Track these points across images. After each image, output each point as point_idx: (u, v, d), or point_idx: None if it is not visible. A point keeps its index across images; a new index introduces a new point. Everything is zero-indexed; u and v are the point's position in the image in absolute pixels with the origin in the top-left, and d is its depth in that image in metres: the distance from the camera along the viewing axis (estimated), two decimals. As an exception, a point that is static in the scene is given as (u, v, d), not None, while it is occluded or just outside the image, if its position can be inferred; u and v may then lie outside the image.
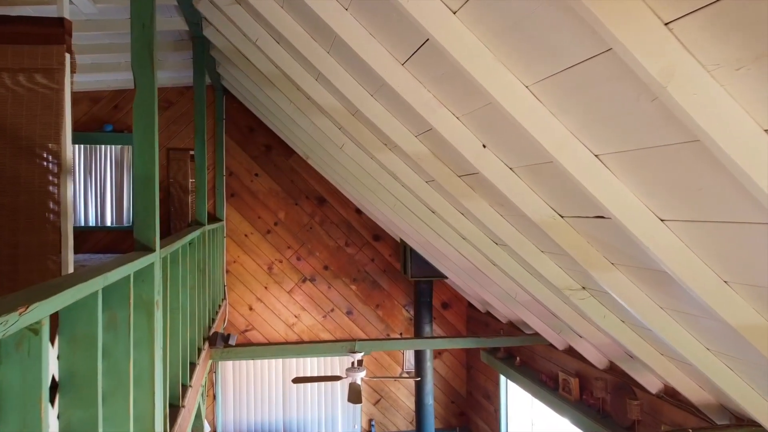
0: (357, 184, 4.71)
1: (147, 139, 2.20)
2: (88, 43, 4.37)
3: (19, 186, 3.02)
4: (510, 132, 1.90)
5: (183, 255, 3.09)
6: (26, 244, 3.02)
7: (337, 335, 6.34)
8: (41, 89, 3.07)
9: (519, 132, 1.74)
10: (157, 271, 2.23)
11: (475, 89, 1.78)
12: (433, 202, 3.32)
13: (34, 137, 3.05)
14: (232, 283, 6.14)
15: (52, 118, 3.09)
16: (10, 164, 3.02)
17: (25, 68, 3.03)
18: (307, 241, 6.26)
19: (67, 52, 3.13)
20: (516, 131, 1.80)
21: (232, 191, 6.11)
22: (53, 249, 3.05)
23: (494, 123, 1.95)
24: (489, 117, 1.93)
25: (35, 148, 3.05)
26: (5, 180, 3.00)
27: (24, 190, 3.03)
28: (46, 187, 3.06)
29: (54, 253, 3.05)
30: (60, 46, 3.08)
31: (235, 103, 6.04)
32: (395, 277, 6.41)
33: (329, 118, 3.61)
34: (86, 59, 4.66)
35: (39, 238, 3.04)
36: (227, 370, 6.16)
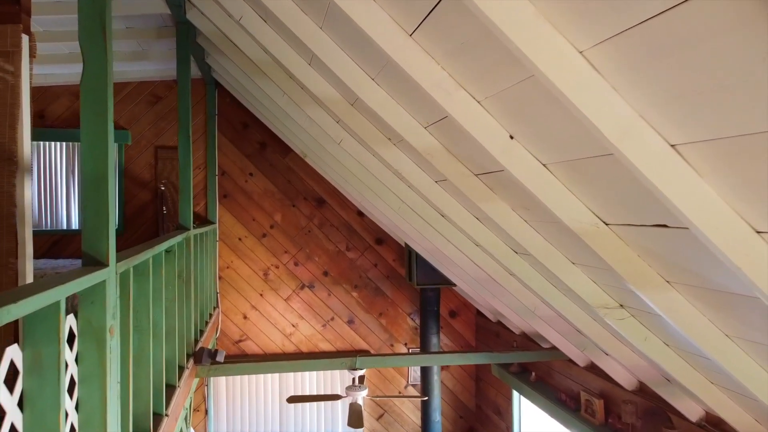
0: (358, 184, 4.30)
1: (98, 129, 1.80)
2: (64, 29, 3.97)
3: (-31, 186, 2.63)
4: (547, 117, 1.49)
5: (156, 265, 2.69)
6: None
7: (338, 345, 5.94)
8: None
9: (563, 116, 1.33)
10: (111, 290, 1.83)
11: (506, 61, 1.37)
12: (443, 204, 2.92)
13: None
14: (225, 290, 5.74)
15: (6, 109, 2.69)
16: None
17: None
18: (306, 245, 5.86)
19: (24, 33, 2.73)
20: (558, 115, 1.39)
21: (225, 192, 5.71)
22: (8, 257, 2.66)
23: (526, 107, 1.54)
24: (520, 99, 1.52)
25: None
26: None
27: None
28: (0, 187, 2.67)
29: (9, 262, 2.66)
30: (15, 25, 2.69)
31: (227, 98, 5.65)
32: (399, 284, 6.00)
33: (326, 110, 3.21)
34: (62, 48, 4.27)
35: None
36: (220, 382, 5.76)
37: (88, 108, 1.80)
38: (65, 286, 1.40)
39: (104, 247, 1.80)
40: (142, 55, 4.58)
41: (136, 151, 5.53)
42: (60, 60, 4.43)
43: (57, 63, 4.47)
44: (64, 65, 4.61)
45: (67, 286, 1.41)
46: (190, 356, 3.77)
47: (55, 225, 5.45)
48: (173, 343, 3.17)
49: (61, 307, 1.39)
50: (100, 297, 1.77)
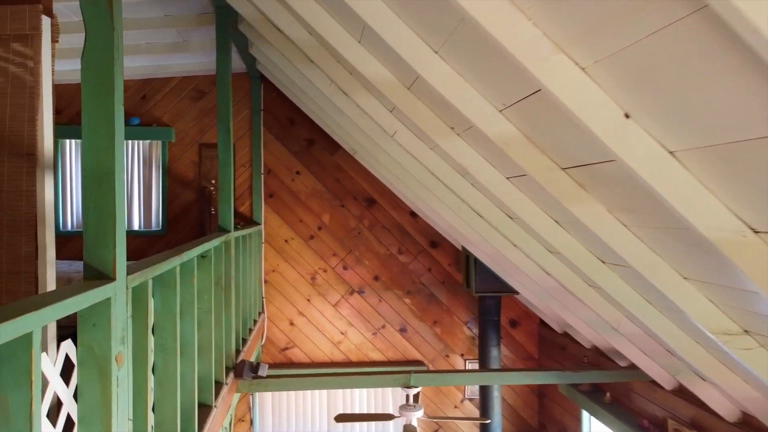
0: (412, 182, 3.91)
1: (101, 113, 1.47)
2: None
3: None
4: (686, 83, 1.06)
5: (185, 274, 2.37)
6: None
7: (389, 355, 5.56)
8: (11, 63, 2.41)
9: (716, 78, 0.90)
10: (119, 309, 1.49)
11: (625, 8, 0.95)
12: (514, 205, 2.49)
13: (1, 124, 2.40)
14: (270, 295, 5.45)
15: (26, 99, 2.43)
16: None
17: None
18: (355, 247, 5.50)
19: (44, 14, 2.46)
20: (706, 77, 0.96)
21: (271, 191, 5.41)
22: (27, 264, 2.40)
23: (655, 72, 1.12)
24: (645, 60, 1.10)
25: (3, 137, 2.39)
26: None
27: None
28: (18, 186, 2.41)
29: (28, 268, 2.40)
30: (34, 6, 2.42)
31: (273, 93, 5.35)
32: (455, 290, 5.57)
33: (378, 98, 2.83)
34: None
35: (10, 249, 2.39)
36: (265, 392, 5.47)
37: (90, 87, 1.47)
38: (39, 313, 1.06)
39: (109, 256, 1.47)
40: (182, 47, 4.32)
41: (180, 148, 5.30)
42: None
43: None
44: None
45: (43, 313, 1.07)
46: (231, 369, 3.46)
47: (99, 226, 5.27)
48: (208, 359, 2.86)
49: (33, 341, 1.05)
50: (104, 318, 1.44)
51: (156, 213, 5.31)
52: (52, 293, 1.22)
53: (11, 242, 2.36)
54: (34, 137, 2.40)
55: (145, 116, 5.25)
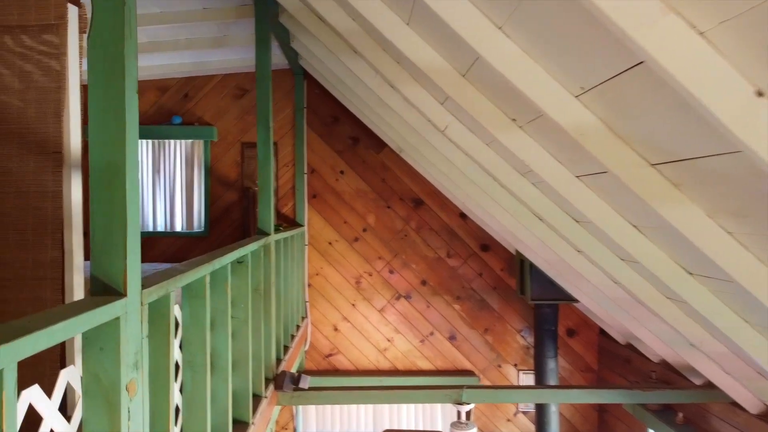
0: (463, 181, 3.63)
1: (109, 101, 1.26)
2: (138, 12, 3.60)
3: (8, 186, 2.23)
4: None
5: (217, 282, 2.16)
6: (17, 263, 2.22)
7: (438, 364, 5.28)
8: (36, 54, 2.25)
9: None
10: (131, 329, 1.28)
11: None
12: (584, 206, 2.18)
13: (26, 120, 2.24)
14: (314, 299, 5.25)
15: (50, 94, 2.26)
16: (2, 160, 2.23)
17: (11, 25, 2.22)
18: (402, 250, 5.25)
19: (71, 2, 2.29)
20: None
21: (314, 192, 5.21)
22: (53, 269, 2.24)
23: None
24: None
25: (28, 134, 2.24)
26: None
27: (13, 192, 2.23)
28: (44, 187, 2.25)
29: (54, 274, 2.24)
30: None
31: (316, 89, 5.15)
32: (508, 297, 5.25)
33: (428, 88, 2.57)
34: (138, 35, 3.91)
35: (34, 254, 2.23)
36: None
37: (97, 71, 1.26)
38: (11, 347, 0.85)
39: (118, 268, 1.26)
40: (222, 41, 4.16)
41: (222, 148, 5.17)
42: (140, 49, 4.10)
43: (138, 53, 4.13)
44: (147, 56, 4.28)
45: (16, 345, 0.86)
46: (270, 381, 3.27)
47: (142, 226, 5.19)
48: (245, 372, 2.65)
49: (4, 382, 0.84)
50: (112, 341, 1.23)
51: (198, 214, 5.20)
52: (42, 315, 1.02)
53: (37, 246, 2.21)
54: (60, 134, 2.24)
55: (187, 115, 5.13)
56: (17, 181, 2.21)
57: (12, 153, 2.23)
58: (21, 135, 2.21)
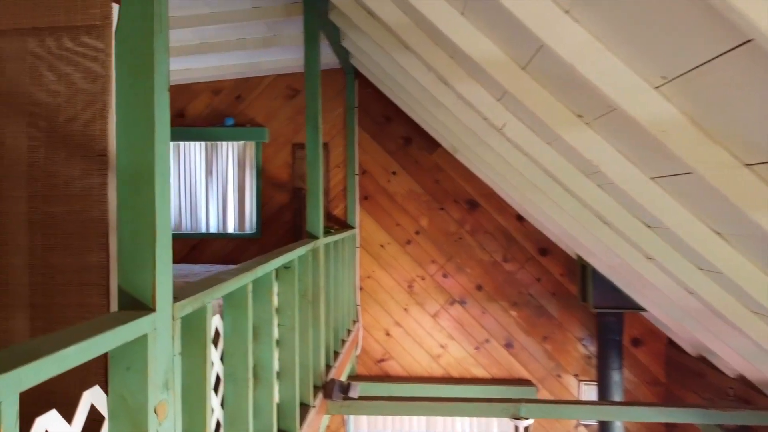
0: (521, 183, 3.43)
1: (137, 99, 1.17)
2: (188, 13, 3.58)
3: (55, 188, 2.20)
4: None
5: (261, 290, 2.07)
6: (63, 268, 2.18)
7: (493, 372, 5.07)
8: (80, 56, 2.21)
9: None
10: (162, 345, 1.19)
11: None
12: (658, 211, 1.97)
13: (73, 122, 2.20)
14: (366, 303, 5.14)
15: (95, 96, 2.22)
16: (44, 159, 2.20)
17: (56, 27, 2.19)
18: (456, 254, 5.07)
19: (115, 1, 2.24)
20: None
21: (366, 193, 5.11)
22: (98, 275, 2.19)
23: None
24: None
25: (75, 136, 2.20)
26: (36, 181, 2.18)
27: (60, 195, 2.19)
28: (89, 190, 2.20)
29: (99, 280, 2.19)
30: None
31: (368, 88, 5.04)
32: (569, 304, 4.99)
33: (484, 84, 2.40)
34: (189, 35, 3.90)
35: (79, 259, 2.19)
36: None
37: (124, 68, 1.17)
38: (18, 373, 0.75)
39: (147, 281, 1.16)
40: (273, 41, 4.11)
41: (273, 149, 5.13)
42: (187, 51, 4.09)
43: (188, 55, 4.13)
44: (198, 57, 4.27)
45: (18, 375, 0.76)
46: (319, 389, 3.17)
47: (195, 228, 5.22)
48: (291, 381, 2.55)
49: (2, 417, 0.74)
50: (139, 360, 1.13)
51: (250, 216, 5.18)
52: (55, 337, 0.92)
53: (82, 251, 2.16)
54: (106, 136, 2.18)
55: (240, 116, 5.12)
56: (64, 184, 2.17)
57: (59, 156, 2.19)
58: (68, 137, 2.17)
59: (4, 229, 2.18)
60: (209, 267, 4.67)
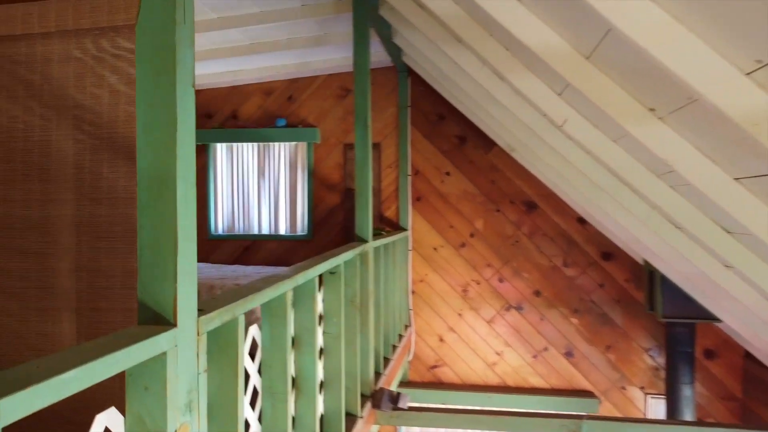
0: (583, 183, 3.21)
1: (161, 98, 1.07)
2: (239, 13, 3.54)
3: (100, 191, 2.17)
4: None
5: (303, 298, 1.97)
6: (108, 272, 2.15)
7: (552, 382, 4.83)
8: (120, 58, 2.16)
9: None
10: (183, 364, 1.09)
11: None
12: (742, 214, 1.75)
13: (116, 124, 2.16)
14: (418, 307, 5.00)
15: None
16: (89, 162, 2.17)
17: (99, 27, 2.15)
18: (513, 257, 4.86)
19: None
20: None
21: (419, 194, 4.96)
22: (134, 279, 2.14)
23: None
24: None
25: (117, 139, 2.16)
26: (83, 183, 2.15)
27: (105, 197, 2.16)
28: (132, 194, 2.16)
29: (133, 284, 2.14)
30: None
31: (421, 86, 4.90)
32: (634, 312, 4.69)
33: (543, 77, 2.22)
34: (238, 36, 3.87)
35: (123, 263, 2.15)
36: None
37: (145, 64, 1.08)
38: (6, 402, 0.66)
39: (168, 293, 1.07)
40: (323, 39, 4.03)
41: (325, 150, 5.06)
42: (240, 51, 4.06)
43: (238, 55, 4.10)
44: (246, 57, 4.25)
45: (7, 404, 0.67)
46: (367, 398, 3.05)
47: (248, 229, 5.21)
48: (337, 391, 2.45)
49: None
50: (157, 380, 1.04)
51: (301, 217, 5.13)
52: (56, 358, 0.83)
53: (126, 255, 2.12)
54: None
55: (292, 117, 5.08)
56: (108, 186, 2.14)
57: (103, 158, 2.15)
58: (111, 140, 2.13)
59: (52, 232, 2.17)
60: (261, 269, 4.65)
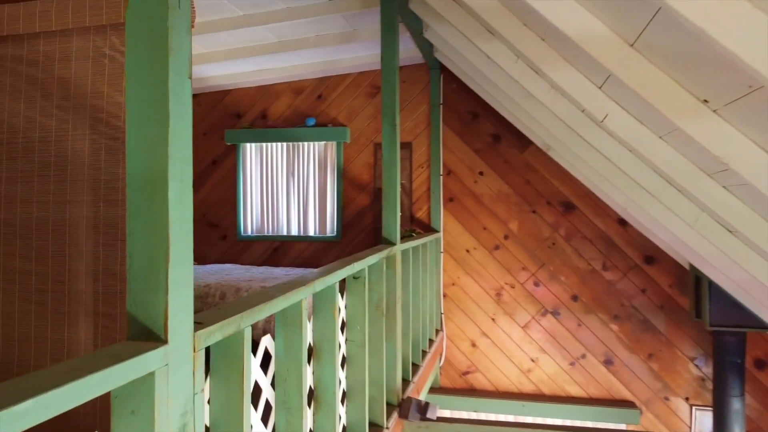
0: (625, 183, 3.02)
1: (152, 90, 0.97)
2: (264, 10, 3.46)
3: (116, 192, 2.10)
4: None
5: (322, 306, 1.85)
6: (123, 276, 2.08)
7: (591, 391, 4.62)
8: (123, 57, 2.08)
9: None
10: (175, 384, 0.99)
11: None
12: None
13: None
14: (450, 311, 4.85)
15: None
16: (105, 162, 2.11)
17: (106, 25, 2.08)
18: (549, 260, 4.67)
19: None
20: None
21: (451, 195, 4.81)
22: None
23: None
24: None
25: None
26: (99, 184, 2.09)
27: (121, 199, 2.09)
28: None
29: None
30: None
31: (454, 84, 4.74)
32: (678, 318, 4.44)
33: (582, 69, 2.06)
34: (266, 34, 3.79)
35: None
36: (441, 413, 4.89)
37: (137, 51, 0.98)
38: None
39: (158, 307, 0.96)
40: (352, 36, 3.92)
41: (355, 149, 4.96)
42: (268, 49, 3.99)
43: (266, 53, 4.03)
44: (274, 56, 4.17)
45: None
46: (394, 408, 2.93)
47: (277, 230, 5.14)
48: (361, 401, 2.33)
49: None
50: (145, 402, 0.94)
51: (331, 218, 5.03)
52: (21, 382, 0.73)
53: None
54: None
55: (321, 116, 4.99)
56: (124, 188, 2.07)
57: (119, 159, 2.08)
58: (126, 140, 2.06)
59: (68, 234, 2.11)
60: (289, 270, 4.57)
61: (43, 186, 2.18)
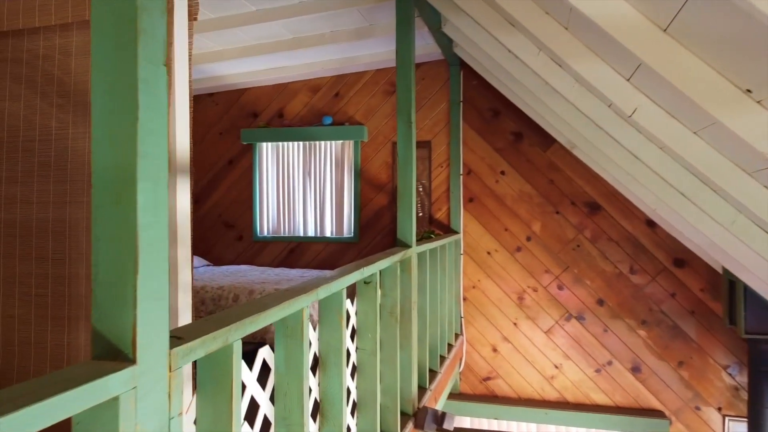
0: (654, 182, 2.85)
1: (119, 78, 0.86)
2: (279, 4, 3.36)
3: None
4: None
5: (328, 313, 1.73)
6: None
7: (617, 399, 4.44)
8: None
9: None
10: (144, 410, 0.88)
11: None
12: None
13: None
14: (470, 315, 4.71)
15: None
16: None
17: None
18: (573, 263, 4.49)
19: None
20: None
21: (471, 195, 4.66)
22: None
23: None
24: None
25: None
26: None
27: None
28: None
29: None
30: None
31: (474, 80, 4.60)
32: (710, 324, 4.24)
33: (609, 59, 1.91)
34: (280, 30, 3.69)
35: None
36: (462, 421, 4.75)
37: (102, 35, 0.87)
38: None
39: (126, 322, 0.86)
40: (368, 32, 3.80)
41: (372, 148, 4.84)
42: (283, 46, 3.89)
43: (281, 50, 3.93)
44: (289, 53, 4.07)
45: None
46: (410, 417, 2.80)
47: (293, 231, 5.05)
48: (372, 413, 2.21)
49: None
50: (109, 430, 0.83)
51: (348, 219, 4.92)
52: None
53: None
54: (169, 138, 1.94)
55: (339, 115, 4.89)
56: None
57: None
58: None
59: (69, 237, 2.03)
60: (305, 272, 4.47)
61: (43, 186, 2.11)
